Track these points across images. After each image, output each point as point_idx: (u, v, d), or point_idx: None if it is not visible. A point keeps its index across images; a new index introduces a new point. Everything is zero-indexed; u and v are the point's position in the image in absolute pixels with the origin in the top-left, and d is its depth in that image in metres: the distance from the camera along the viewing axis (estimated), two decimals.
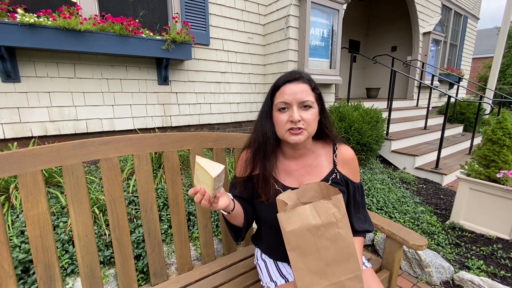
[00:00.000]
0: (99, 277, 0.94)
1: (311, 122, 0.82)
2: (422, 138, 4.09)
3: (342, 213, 0.67)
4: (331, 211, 0.67)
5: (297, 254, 0.66)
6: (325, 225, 0.66)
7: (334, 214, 0.67)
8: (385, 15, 6.70)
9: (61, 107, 2.26)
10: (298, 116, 0.79)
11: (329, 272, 0.67)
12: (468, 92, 10.01)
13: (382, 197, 2.42)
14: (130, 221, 1.61)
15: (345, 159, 0.92)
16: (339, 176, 0.90)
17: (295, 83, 0.81)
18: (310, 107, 0.82)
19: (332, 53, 3.45)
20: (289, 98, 0.80)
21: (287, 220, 0.66)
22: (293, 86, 0.81)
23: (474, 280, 1.54)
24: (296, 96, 0.80)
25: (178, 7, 2.71)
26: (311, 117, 0.82)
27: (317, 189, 0.80)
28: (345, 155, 0.92)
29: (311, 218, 0.66)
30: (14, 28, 1.84)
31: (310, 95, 0.82)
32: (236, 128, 3.43)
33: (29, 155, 0.80)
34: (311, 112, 0.82)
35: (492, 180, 2.01)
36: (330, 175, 0.90)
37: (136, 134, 1.01)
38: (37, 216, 0.82)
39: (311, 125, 0.82)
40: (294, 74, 0.84)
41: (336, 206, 0.67)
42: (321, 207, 0.67)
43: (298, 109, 0.81)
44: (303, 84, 0.82)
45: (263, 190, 0.87)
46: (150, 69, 2.66)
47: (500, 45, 6.22)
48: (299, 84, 0.81)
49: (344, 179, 0.91)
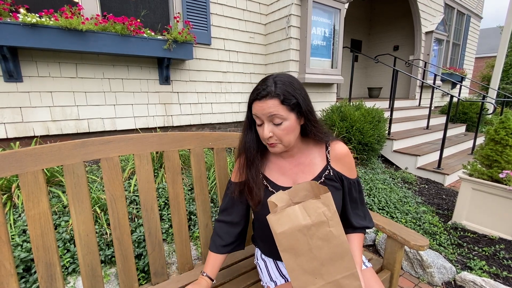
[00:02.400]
0: (100, 276, 0.94)
1: (283, 136, 0.82)
2: (424, 138, 4.07)
3: (332, 212, 0.67)
4: (320, 210, 0.67)
5: (290, 255, 0.66)
6: (315, 224, 0.66)
7: (324, 213, 0.67)
8: (387, 14, 6.67)
9: (63, 106, 2.27)
10: (268, 133, 0.81)
11: (324, 271, 0.67)
12: (471, 92, 9.95)
13: (383, 197, 2.41)
14: (131, 220, 1.61)
15: (338, 155, 0.91)
16: (332, 172, 0.90)
17: (262, 101, 0.79)
18: (281, 122, 0.81)
19: (334, 52, 3.44)
20: (259, 114, 0.81)
21: (277, 222, 0.65)
22: (261, 104, 0.80)
23: (476, 281, 1.53)
24: (264, 112, 0.80)
25: (180, 7, 2.72)
26: (283, 132, 0.81)
27: (308, 189, 0.79)
28: (338, 151, 0.91)
29: (301, 218, 0.66)
30: (16, 28, 1.85)
31: (280, 109, 0.79)
32: (237, 128, 3.44)
33: (30, 154, 0.80)
34: (283, 126, 0.81)
35: (495, 180, 2.00)
36: (323, 172, 0.90)
37: (136, 134, 1.01)
38: (38, 215, 0.82)
39: (283, 139, 0.83)
40: (261, 91, 0.80)
41: (325, 204, 0.67)
42: (310, 206, 0.67)
43: (270, 124, 0.81)
44: (271, 100, 0.79)
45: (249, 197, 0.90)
46: (152, 69, 2.66)
47: (503, 44, 6.18)
48: (266, 101, 0.79)
49: (338, 175, 0.90)
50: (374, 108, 3.19)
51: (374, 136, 2.96)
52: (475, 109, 5.38)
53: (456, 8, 6.55)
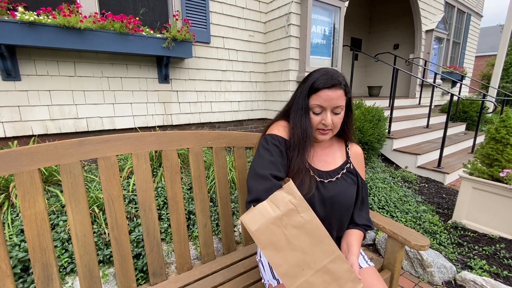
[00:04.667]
0: (97, 276, 0.93)
1: (338, 124, 0.89)
2: (424, 136, 4.06)
3: (298, 198, 0.67)
4: (286, 199, 0.67)
5: (271, 251, 0.66)
6: (286, 214, 0.66)
7: (291, 201, 0.67)
8: (387, 12, 6.65)
9: (61, 105, 2.25)
10: (330, 121, 0.86)
11: (308, 260, 0.66)
12: (471, 91, 9.94)
13: (383, 196, 2.40)
14: (130, 220, 1.60)
15: (356, 154, 1.00)
16: (352, 167, 0.96)
17: (333, 90, 0.84)
18: (340, 112, 0.87)
19: (334, 51, 3.43)
20: (326, 104, 0.85)
21: (250, 221, 0.66)
22: (331, 93, 0.84)
23: (477, 280, 1.52)
24: (331, 102, 0.84)
25: (179, 5, 2.70)
26: (339, 120, 0.88)
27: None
28: (356, 151, 1.00)
29: (271, 211, 0.66)
30: (14, 26, 1.83)
31: (343, 100, 0.86)
32: (237, 127, 3.42)
33: (26, 153, 0.79)
34: (340, 116, 0.88)
35: (495, 179, 1.99)
36: (345, 164, 0.96)
37: (134, 133, 1.00)
38: (34, 216, 0.81)
39: (337, 127, 0.90)
40: (333, 80, 0.83)
41: (289, 193, 0.68)
42: (277, 198, 0.67)
43: (331, 113, 0.86)
44: (339, 91, 0.84)
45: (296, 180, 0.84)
46: (151, 67, 2.65)
47: (504, 43, 6.16)
48: (336, 91, 0.84)
49: (355, 171, 0.97)
50: (374, 107, 3.17)
51: (374, 135, 2.95)
52: (475, 108, 5.37)
53: (457, 6, 6.53)
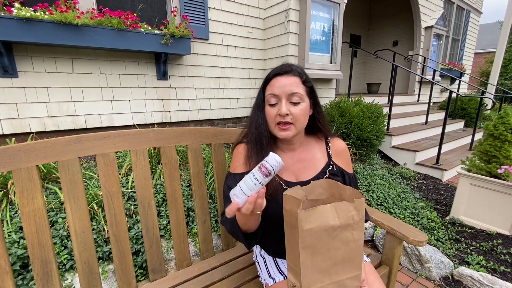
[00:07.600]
0: (97, 273, 0.94)
1: (300, 116, 0.81)
2: (422, 133, 4.07)
3: (360, 217, 0.67)
4: (350, 214, 0.66)
5: (308, 253, 0.66)
6: (342, 226, 0.66)
7: (353, 217, 0.67)
8: (387, 9, 6.62)
9: (59, 102, 2.24)
10: (285, 110, 0.79)
11: (333, 271, 0.68)
12: (470, 87, 9.94)
13: (382, 193, 2.41)
14: (129, 216, 1.60)
15: (338, 150, 0.93)
16: (335, 167, 0.91)
17: (284, 76, 0.81)
18: (299, 102, 0.81)
19: (333, 47, 3.41)
20: (278, 91, 0.80)
21: (306, 219, 0.64)
22: (283, 79, 0.81)
23: (474, 276, 1.54)
24: (285, 89, 0.80)
25: (177, 1, 2.68)
26: (300, 112, 0.81)
27: (325, 187, 0.79)
28: (338, 146, 0.94)
29: (330, 218, 0.65)
30: (11, 22, 1.81)
31: (300, 88, 0.81)
32: (235, 124, 3.42)
33: (24, 150, 0.79)
34: (301, 107, 0.81)
35: (493, 175, 2.00)
36: (327, 167, 0.90)
37: (133, 129, 0.99)
38: (32, 212, 0.81)
39: (299, 120, 0.81)
40: (284, 67, 0.83)
41: (356, 209, 0.67)
42: (342, 208, 0.66)
43: (287, 103, 0.81)
44: (293, 77, 0.81)
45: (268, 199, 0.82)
46: (149, 64, 2.63)
47: (503, 40, 6.15)
48: (289, 77, 0.81)
49: (339, 170, 0.92)
50: (373, 104, 3.17)
51: (373, 132, 2.95)
52: (474, 105, 5.38)
53: (456, 3, 6.50)
